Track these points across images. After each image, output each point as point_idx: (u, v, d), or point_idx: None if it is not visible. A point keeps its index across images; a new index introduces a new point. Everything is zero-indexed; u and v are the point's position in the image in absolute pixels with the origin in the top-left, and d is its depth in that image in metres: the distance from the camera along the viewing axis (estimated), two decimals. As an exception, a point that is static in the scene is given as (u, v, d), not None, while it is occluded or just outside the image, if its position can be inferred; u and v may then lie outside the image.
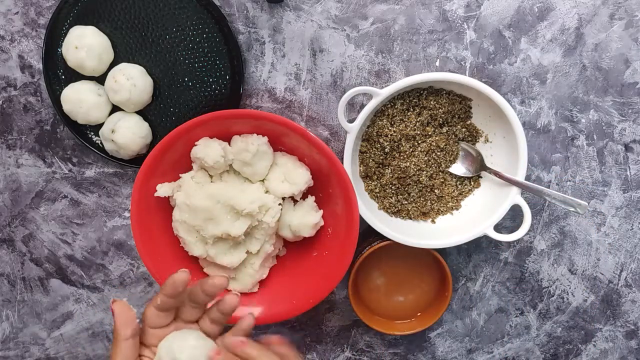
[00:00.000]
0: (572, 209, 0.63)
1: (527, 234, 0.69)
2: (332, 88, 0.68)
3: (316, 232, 0.66)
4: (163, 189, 0.63)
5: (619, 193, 0.70)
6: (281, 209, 0.63)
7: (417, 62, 0.68)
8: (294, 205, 0.65)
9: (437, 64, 0.67)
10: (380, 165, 0.67)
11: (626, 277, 0.72)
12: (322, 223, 0.65)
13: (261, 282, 0.68)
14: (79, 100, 0.65)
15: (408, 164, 0.67)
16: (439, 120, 0.67)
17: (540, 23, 0.66)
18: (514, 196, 0.65)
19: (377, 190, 0.68)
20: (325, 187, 0.64)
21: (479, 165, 0.67)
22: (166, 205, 0.65)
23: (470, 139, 0.68)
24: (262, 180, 0.65)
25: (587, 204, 0.62)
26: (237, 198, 0.61)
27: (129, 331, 0.47)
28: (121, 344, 0.47)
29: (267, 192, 0.64)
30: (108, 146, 0.67)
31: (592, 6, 0.66)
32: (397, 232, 0.65)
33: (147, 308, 0.49)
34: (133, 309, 0.48)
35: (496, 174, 0.66)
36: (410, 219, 0.69)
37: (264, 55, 0.68)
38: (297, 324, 0.74)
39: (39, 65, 0.69)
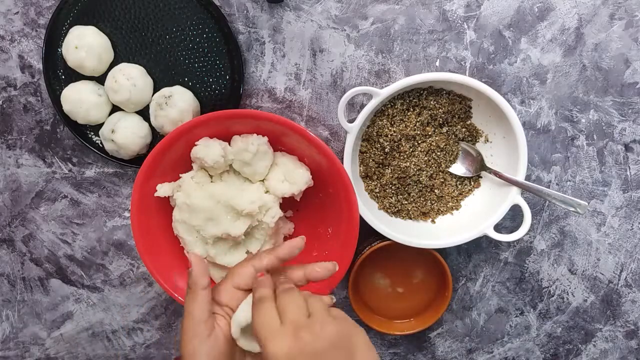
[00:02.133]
0: (572, 209, 0.63)
1: (527, 234, 0.69)
2: (332, 88, 0.68)
3: (316, 232, 0.66)
4: (163, 189, 0.63)
5: (619, 193, 0.70)
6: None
7: (417, 62, 0.68)
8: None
9: (437, 64, 0.67)
10: (380, 165, 0.67)
11: (626, 277, 0.72)
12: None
13: (261, 282, 0.68)
14: (79, 100, 0.65)
15: (408, 164, 0.67)
16: (439, 120, 0.67)
17: (540, 23, 0.66)
18: (514, 196, 0.65)
19: (377, 190, 0.68)
20: (325, 187, 0.64)
21: (479, 165, 0.67)
22: (166, 205, 0.65)
23: (470, 139, 0.68)
24: (262, 180, 0.65)
25: (587, 203, 0.63)
26: (237, 198, 0.61)
27: (206, 281, 0.47)
28: (199, 292, 0.46)
29: (267, 192, 0.64)
30: (108, 146, 0.67)
31: (592, 6, 0.66)
32: (397, 232, 0.65)
33: (240, 267, 0.49)
34: (206, 264, 0.49)
35: (496, 174, 0.66)
36: (410, 219, 0.69)
37: (264, 55, 0.68)
38: (297, 324, 0.74)
39: (39, 65, 0.69)
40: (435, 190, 0.68)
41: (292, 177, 0.63)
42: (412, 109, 0.66)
